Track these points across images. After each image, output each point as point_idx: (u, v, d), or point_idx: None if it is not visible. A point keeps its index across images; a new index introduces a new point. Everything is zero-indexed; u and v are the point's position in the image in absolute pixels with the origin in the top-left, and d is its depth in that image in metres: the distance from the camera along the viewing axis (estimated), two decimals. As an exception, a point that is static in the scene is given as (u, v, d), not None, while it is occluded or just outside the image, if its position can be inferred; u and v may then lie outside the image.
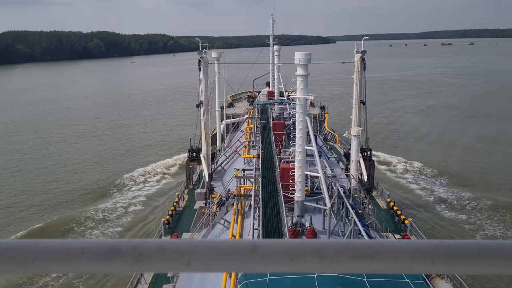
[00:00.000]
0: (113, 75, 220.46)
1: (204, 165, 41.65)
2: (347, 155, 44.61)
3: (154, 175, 54.43)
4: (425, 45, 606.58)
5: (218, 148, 55.04)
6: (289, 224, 24.80)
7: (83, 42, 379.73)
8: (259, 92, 75.92)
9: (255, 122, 50.70)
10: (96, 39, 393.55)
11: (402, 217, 35.37)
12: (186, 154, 46.83)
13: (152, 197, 47.97)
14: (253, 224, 24.39)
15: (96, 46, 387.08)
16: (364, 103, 39.49)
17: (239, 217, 28.96)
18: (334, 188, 27.89)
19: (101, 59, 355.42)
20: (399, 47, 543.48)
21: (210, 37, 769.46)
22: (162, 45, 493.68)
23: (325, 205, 25.07)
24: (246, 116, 58.82)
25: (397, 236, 32.30)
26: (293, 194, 26.41)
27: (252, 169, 34.83)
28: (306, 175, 27.17)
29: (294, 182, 26.41)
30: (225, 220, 29.70)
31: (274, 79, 65.46)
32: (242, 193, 31.54)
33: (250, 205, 28.39)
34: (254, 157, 38.54)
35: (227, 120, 62.18)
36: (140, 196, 48.06)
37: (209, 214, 31.44)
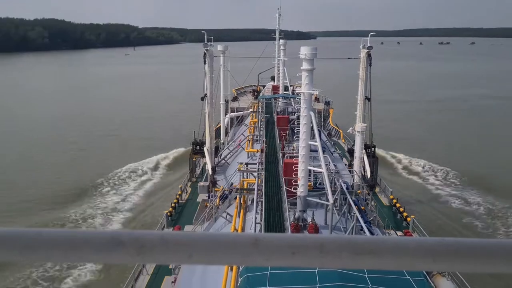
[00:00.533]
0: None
1: (207, 158, 41.71)
2: (351, 151, 44.56)
3: (156, 167, 54.61)
4: (420, 43, 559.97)
5: (222, 141, 55.09)
6: (291, 219, 24.85)
7: (22, 31, 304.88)
8: (264, 86, 75.82)
9: (259, 116, 50.67)
10: (39, 27, 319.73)
11: (405, 214, 35.35)
12: (189, 148, 46.94)
13: (154, 189, 48.15)
14: (255, 218, 24.44)
15: (38, 35, 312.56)
16: (369, 99, 39.36)
17: (242, 210, 29.03)
18: (337, 183, 27.87)
19: (45, 52, 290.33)
20: (392, 45, 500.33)
21: (183, 29, 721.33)
22: (123, 37, 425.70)
23: (327, 200, 25.11)
24: (250, 110, 58.79)
25: (399, 233, 32.29)
26: (296, 189, 26.43)
27: (255, 163, 34.84)
28: (310, 171, 27.18)
29: (297, 177, 26.42)
30: (228, 214, 29.75)
31: (279, 73, 65.33)
32: (245, 187, 31.60)
33: (253, 199, 28.45)
34: (257, 151, 38.55)
35: (231, 113, 62.17)
36: (142, 189, 48.26)
37: (212, 207, 31.53)
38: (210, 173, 39.94)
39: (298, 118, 28.88)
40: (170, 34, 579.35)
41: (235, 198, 30.66)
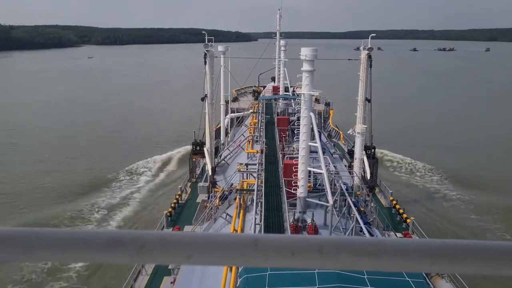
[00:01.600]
0: None
1: (207, 159, 41.71)
2: (351, 152, 44.56)
3: (157, 167, 54.58)
4: (415, 49, 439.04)
5: (222, 142, 55.10)
6: (291, 220, 24.85)
7: None
8: (264, 87, 75.82)
9: (260, 117, 50.68)
10: None
11: (404, 215, 35.33)
12: (189, 148, 46.92)
13: (154, 189, 48.11)
14: (255, 218, 24.45)
15: None
16: (369, 100, 39.37)
17: (241, 211, 29.02)
18: (337, 185, 27.88)
19: None
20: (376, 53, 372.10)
21: (90, 27, 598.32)
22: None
23: (327, 201, 25.10)
24: (250, 110, 58.81)
25: (399, 234, 32.28)
26: (296, 190, 26.42)
27: (255, 164, 34.84)
28: (309, 171, 27.17)
29: (297, 178, 26.42)
30: (227, 214, 29.75)
31: (279, 74, 65.31)
32: (245, 188, 31.58)
33: (253, 199, 28.44)
34: (257, 152, 38.55)
35: (232, 114, 62.16)
36: (142, 189, 48.24)
37: (211, 208, 31.52)
38: (210, 173, 39.93)
39: (298, 119, 28.89)
40: (58, 34, 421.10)
41: (235, 198, 30.65)
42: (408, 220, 33.84)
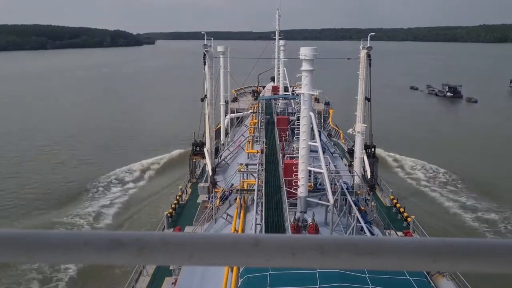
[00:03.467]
0: None
1: (207, 159, 41.70)
2: (351, 152, 44.56)
3: (156, 168, 54.57)
4: None
5: (222, 142, 55.08)
6: (292, 220, 24.85)
7: None
8: (263, 87, 75.79)
9: (259, 117, 50.67)
10: None
11: (405, 214, 35.31)
12: (189, 148, 46.89)
13: (154, 190, 48.09)
14: (256, 218, 24.43)
15: None
16: (369, 99, 39.34)
17: (242, 211, 29.02)
18: (337, 184, 27.85)
19: None
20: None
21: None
22: None
23: (327, 201, 25.10)
24: (250, 110, 58.77)
25: (400, 233, 32.28)
26: (296, 189, 26.42)
27: (255, 164, 34.81)
28: (310, 171, 27.16)
29: (297, 177, 26.41)
30: (228, 215, 29.75)
31: (279, 74, 65.29)
32: (245, 188, 31.57)
33: (253, 199, 28.43)
34: (257, 152, 38.51)
35: (231, 114, 62.14)
36: (142, 189, 48.23)
37: (212, 208, 31.52)
38: (210, 174, 39.92)
39: (298, 118, 28.88)
40: None
41: (235, 199, 30.64)
42: (409, 219, 33.83)
